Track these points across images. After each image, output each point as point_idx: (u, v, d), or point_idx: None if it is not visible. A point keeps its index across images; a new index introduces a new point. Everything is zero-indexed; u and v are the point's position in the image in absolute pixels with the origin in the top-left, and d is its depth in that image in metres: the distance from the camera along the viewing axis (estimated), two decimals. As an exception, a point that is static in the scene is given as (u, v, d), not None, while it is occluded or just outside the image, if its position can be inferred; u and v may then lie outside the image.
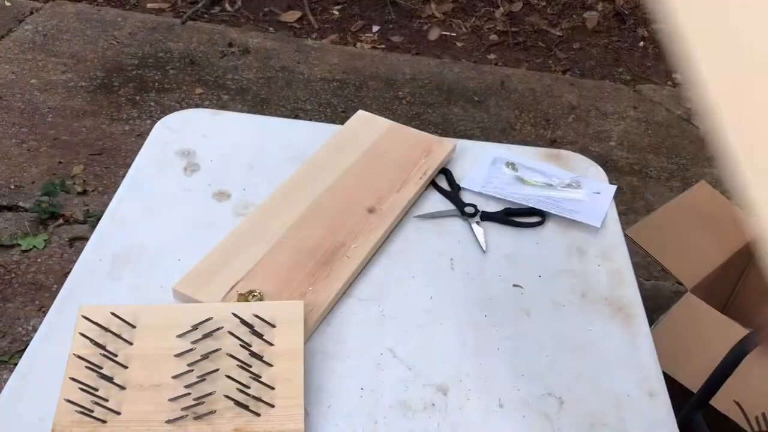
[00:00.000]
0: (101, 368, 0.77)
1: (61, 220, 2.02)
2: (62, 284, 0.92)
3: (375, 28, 3.13)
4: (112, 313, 0.82)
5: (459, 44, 3.10)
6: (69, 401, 0.74)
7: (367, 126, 1.20)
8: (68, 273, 0.93)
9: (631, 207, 2.32)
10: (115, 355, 0.79)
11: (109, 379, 0.76)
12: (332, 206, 1.04)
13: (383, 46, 3.03)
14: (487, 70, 2.93)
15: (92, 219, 2.00)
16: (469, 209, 1.08)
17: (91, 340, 0.79)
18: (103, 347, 0.79)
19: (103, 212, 1.03)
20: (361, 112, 1.23)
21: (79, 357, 0.77)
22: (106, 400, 0.75)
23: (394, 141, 1.17)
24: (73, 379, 0.75)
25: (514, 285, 0.98)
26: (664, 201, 1.59)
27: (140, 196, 1.06)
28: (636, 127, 2.72)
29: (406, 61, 2.92)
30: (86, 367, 0.77)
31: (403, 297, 0.95)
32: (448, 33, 3.15)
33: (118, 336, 0.80)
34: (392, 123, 1.21)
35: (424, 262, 1.00)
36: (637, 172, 2.50)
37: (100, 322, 0.81)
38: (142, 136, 1.17)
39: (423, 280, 0.97)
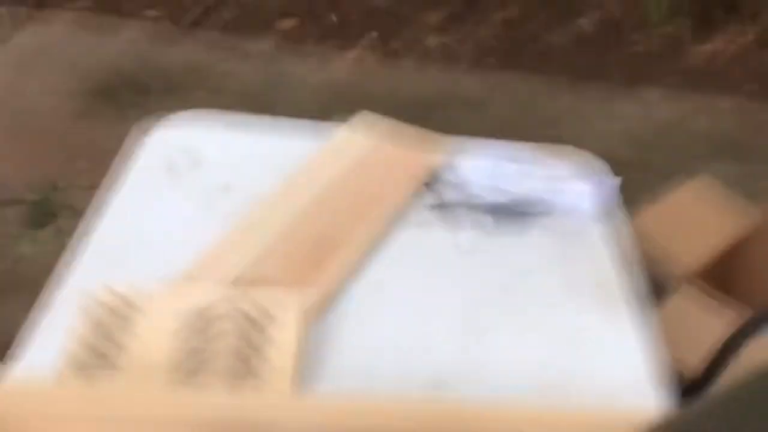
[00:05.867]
0: (100, 346, 0.78)
1: (59, 219, 2.02)
2: (58, 284, 0.91)
3: (373, 35, 3.14)
4: (115, 292, 0.83)
5: (456, 50, 3.11)
6: (64, 377, 0.76)
7: (367, 126, 1.21)
8: (65, 271, 0.93)
9: (629, 208, 2.32)
10: (115, 334, 0.80)
11: (107, 358, 0.77)
12: (333, 202, 1.05)
13: (381, 52, 3.04)
14: (485, 76, 2.94)
15: (90, 217, 2.00)
16: (465, 205, 1.08)
17: (92, 318, 0.80)
18: (103, 325, 0.80)
19: (99, 213, 1.03)
20: (362, 113, 1.24)
21: (79, 334, 0.78)
22: (102, 379, 0.76)
23: (395, 139, 1.18)
24: (71, 356, 0.76)
25: (510, 281, 0.98)
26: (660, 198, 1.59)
27: (139, 196, 1.06)
28: (634, 130, 2.72)
29: (404, 68, 2.93)
30: (84, 344, 0.78)
31: (396, 296, 0.95)
32: (445, 40, 3.17)
33: (120, 315, 0.81)
34: (392, 123, 1.22)
35: (420, 256, 1.00)
36: (637, 174, 2.50)
37: (104, 301, 0.82)
38: (141, 140, 1.18)
39: (416, 280, 0.97)
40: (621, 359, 0.88)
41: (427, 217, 1.07)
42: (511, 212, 1.08)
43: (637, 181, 2.41)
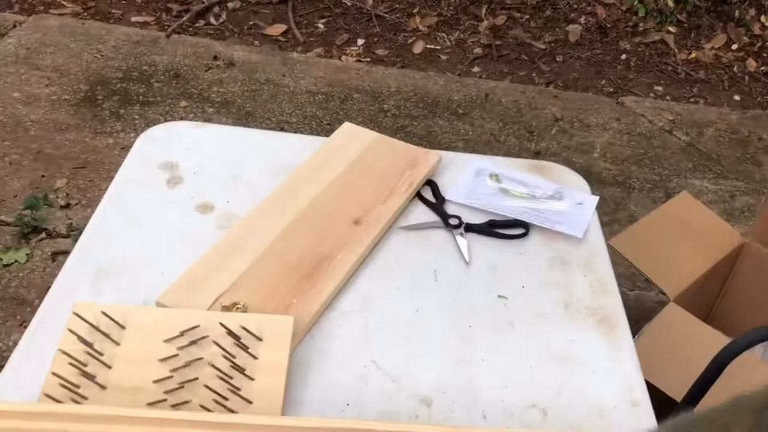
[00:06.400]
0: (85, 366, 0.78)
1: (43, 234, 2.00)
2: (43, 304, 0.91)
3: (360, 42, 3.14)
4: (103, 312, 0.82)
5: (443, 57, 3.12)
6: (48, 396, 0.74)
7: (353, 138, 1.20)
8: (50, 287, 0.92)
9: (614, 218, 2.33)
10: (101, 354, 0.79)
11: (91, 378, 0.77)
12: (317, 218, 1.04)
13: (368, 59, 3.05)
14: (471, 83, 2.95)
15: (75, 233, 1.98)
16: (453, 221, 1.08)
17: (79, 337, 0.79)
18: (90, 345, 0.79)
19: (84, 230, 1.02)
20: (347, 124, 1.24)
21: (65, 353, 0.77)
22: (86, 398, 0.75)
23: (380, 153, 1.18)
24: (56, 375, 0.75)
25: (498, 296, 0.98)
26: (647, 212, 1.60)
27: (123, 209, 1.05)
28: (619, 138, 2.74)
29: (391, 74, 2.93)
30: (70, 363, 0.77)
31: (387, 309, 0.95)
32: (432, 46, 3.17)
33: (107, 336, 0.81)
34: (378, 135, 1.21)
35: (408, 273, 1.00)
36: (621, 183, 2.52)
37: (91, 320, 0.81)
38: (126, 149, 1.17)
39: (407, 291, 0.97)
40: (604, 379, 0.89)
41: (416, 233, 1.07)
42: (496, 231, 1.08)
43: (617, 197, 2.43)
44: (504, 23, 3.33)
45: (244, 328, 0.83)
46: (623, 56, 3.24)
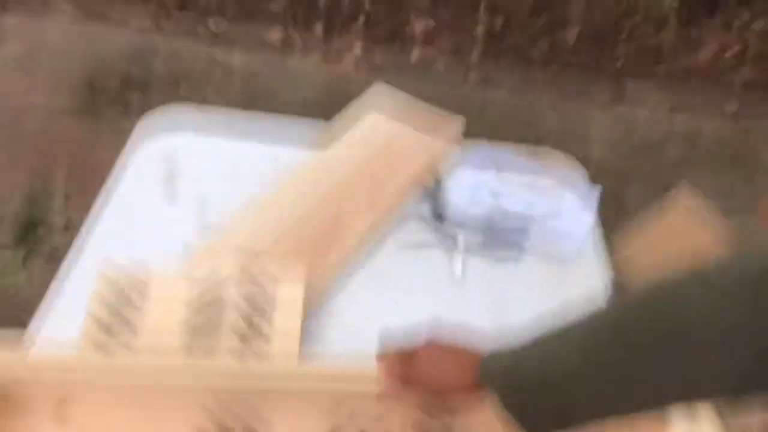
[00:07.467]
0: (114, 325, 0.83)
1: (41, 237, 2.00)
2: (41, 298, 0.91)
3: (358, 47, 3.15)
4: (127, 272, 0.88)
5: (440, 63, 3.12)
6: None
7: (375, 126, 1.22)
8: (47, 289, 0.93)
9: (612, 224, 2.33)
10: (129, 312, 0.84)
11: (121, 335, 0.82)
12: (333, 200, 1.08)
13: (366, 65, 3.05)
14: (469, 89, 2.95)
15: (73, 234, 1.98)
16: (449, 239, 1.08)
17: (105, 297, 0.85)
18: (117, 305, 0.84)
19: (83, 228, 1.02)
20: (371, 113, 1.25)
21: (93, 313, 0.83)
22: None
23: (402, 145, 1.21)
24: (87, 334, 0.81)
25: (493, 315, 0.98)
26: (645, 218, 1.60)
27: (121, 210, 1.05)
28: (617, 143, 2.74)
29: (389, 80, 2.93)
30: (99, 323, 0.82)
31: (380, 326, 0.94)
32: (429, 52, 3.18)
33: (132, 293, 0.86)
34: (401, 125, 1.23)
35: (402, 292, 1.00)
36: (619, 190, 2.52)
37: (116, 280, 0.87)
38: (124, 151, 1.17)
39: (401, 310, 0.97)
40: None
41: (412, 251, 1.07)
42: (492, 250, 1.08)
43: (615, 204, 2.43)
44: (501, 29, 3.34)
45: (263, 269, 0.88)
46: (620, 61, 3.25)
